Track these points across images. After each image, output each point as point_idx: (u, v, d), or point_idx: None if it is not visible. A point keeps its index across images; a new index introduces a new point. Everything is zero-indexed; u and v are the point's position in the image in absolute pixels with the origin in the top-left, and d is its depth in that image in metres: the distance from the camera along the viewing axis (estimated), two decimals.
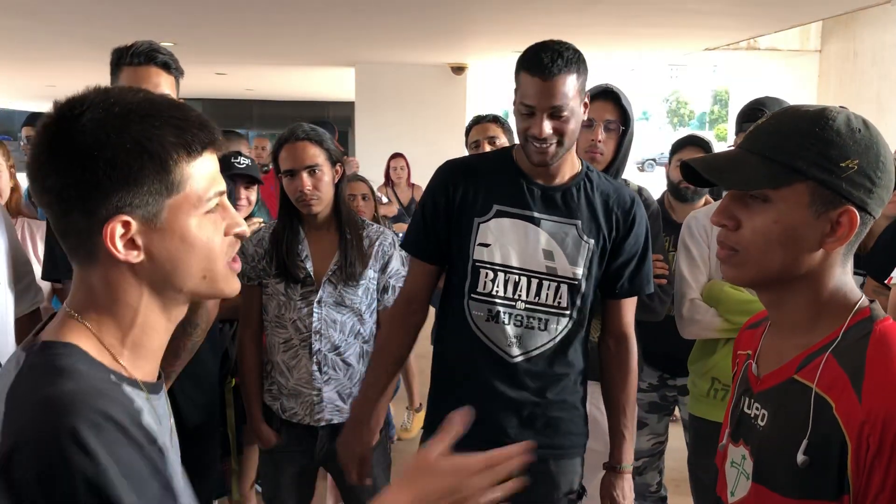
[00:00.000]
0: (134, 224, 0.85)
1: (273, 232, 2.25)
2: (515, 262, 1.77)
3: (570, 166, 1.81)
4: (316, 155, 2.17)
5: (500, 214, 1.78)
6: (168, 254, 0.88)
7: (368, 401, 1.95)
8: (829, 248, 1.02)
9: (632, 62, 10.66)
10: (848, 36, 8.23)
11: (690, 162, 1.07)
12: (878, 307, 1.04)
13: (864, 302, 1.04)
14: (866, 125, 1.02)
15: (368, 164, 6.84)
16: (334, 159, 2.22)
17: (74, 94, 0.87)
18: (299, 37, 7.34)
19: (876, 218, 1.03)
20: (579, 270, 1.77)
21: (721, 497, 1.18)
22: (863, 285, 2.38)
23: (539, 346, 1.79)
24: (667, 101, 68.81)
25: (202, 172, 0.89)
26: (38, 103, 15.68)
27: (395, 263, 2.28)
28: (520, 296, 1.77)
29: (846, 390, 0.96)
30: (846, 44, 8.30)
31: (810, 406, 0.99)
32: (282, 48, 8.15)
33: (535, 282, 1.77)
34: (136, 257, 0.87)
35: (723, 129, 37.39)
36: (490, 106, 10.62)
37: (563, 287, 1.77)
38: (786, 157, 1.00)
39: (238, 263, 0.96)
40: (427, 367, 2.00)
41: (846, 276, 1.06)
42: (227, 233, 0.93)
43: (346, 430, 1.97)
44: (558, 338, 1.80)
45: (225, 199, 0.94)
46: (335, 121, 5.58)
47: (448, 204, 1.82)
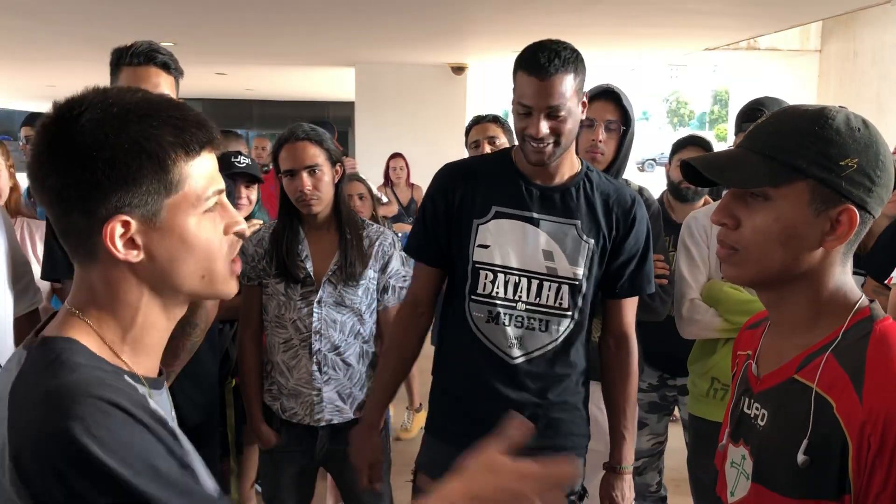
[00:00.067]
0: (133, 223, 0.86)
1: (273, 232, 2.25)
2: (515, 263, 1.77)
3: (569, 166, 1.80)
4: (316, 155, 2.17)
5: (499, 216, 1.78)
6: (167, 253, 0.89)
7: (378, 405, 1.96)
8: (829, 246, 1.02)
9: (632, 62, 10.66)
10: (848, 36, 8.23)
11: (691, 161, 1.07)
12: (877, 307, 1.05)
13: (863, 302, 1.04)
14: (866, 124, 1.02)
15: (368, 165, 6.83)
16: (334, 159, 2.22)
17: (73, 94, 0.87)
18: (299, 37, 7.34)
19: (876, 217, 1.03)
20: (580, 270, 1.77)
21: (721, 497, 1.18)
22: (864, 285, 2.38)
23: (540, 348, 1.79)
24: (667, 101, 68.80)
25: (201, 171, 0.90)
26: (38, 103, 15.68)
27: (395, 263, 2.28)
28: (520, 297, 1.77)
29: (847, 390, 0.96)
30: (846, 44, 8.29)
31: (811, 406, 0.99)
32: (282, 48, 8.14)
33: (535, 283, 1.77)
34: (135, 256, 0.87)
35: (723, 129, 37.39)
36: (490, 106, 10.62)
37: (564, 288, 1.77)
38: (786, 155, 1.00)
39: (239, 265, 0.96)
40: (427, 366, 2.00)
41: (846, 276, 1.06)
42: (227, 231, 0.94)
43: (357, 436, 1.97)
44: (560, 339, 1.79)
45: (224, 198, 0.94)
46: (335, 121, 5.58)
47: (447, 207, 1.82)
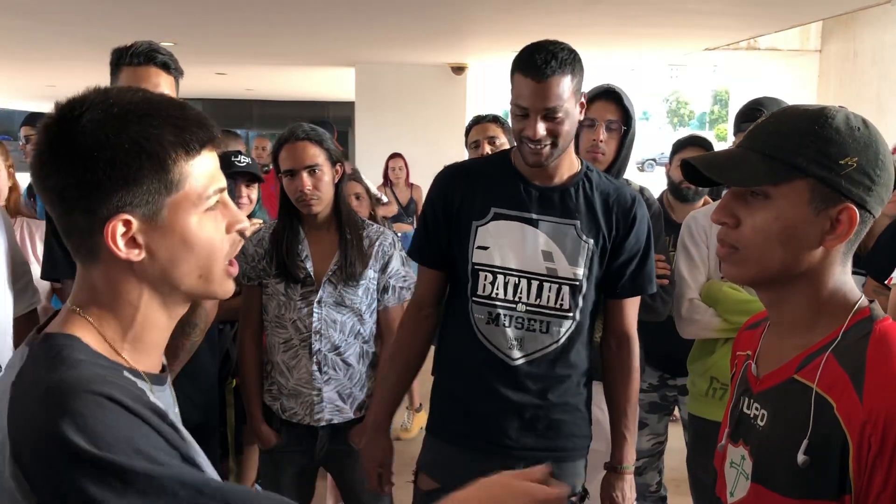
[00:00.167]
0: (135, 223, 0.86)
1: (273, 232, 2.25)
2: (515, 265, 1.76)
3: (568, 166, 1.80)
4: (316, 155, 2.17)
5: (497, 217, 1.78)
6: (169, 252, 0.89)
7: (386, 408, 1.96)
8: (829, 245, 1.02)
9: (632, 62, 10.66)
10: (848, 36, 8.23)
11: (691, 160, 1.07)
12: (877, 307, 1.05)
13: (863, 302, 1.04)
14: (865, 124, 1.02)
15: (368, 165, 6.83)
16: (334, 159, 2.22)
17: (75, 95, 0.88)
18: (299, 37, 7.34)
19: (876, 217, 1.03)
20: (580, 271, 1.77)
21: (720, 497, 1.18)
22: (865, 285, 2.38)
23: (541, 349, 1.78)
24: (667, 101, 68.76)
25: (201, 170, 0.90)
26: (38, 103, 15.68)
27: (396, 263, 2.28)
28: (520, 298, 1.77)
29: (847, 390, 0.96)
30: (846, 44, 8.29)
31: (811, 406, 0.99)
32: (282, 48, 8.14)
33: (535, 284, 1.76)
34: (137, 255, 0.87)
35: (723, 129, 37.38)
36: (490, 106, 10.61)
37: (565, 288, 1.76)
38: (786, 154, 1.00)
39: (235, 268, 0.96)
40: (427, 366, 2.00)
41: (846, 276, 1.06)
42: (229, 230, 0.94)
43: (367, 439, 1.97)
44: (561, 340, 1.78)
45: (226, 196, 0.94)
46: (335, 121, 5.58)
47: (447, 209, 1.83)
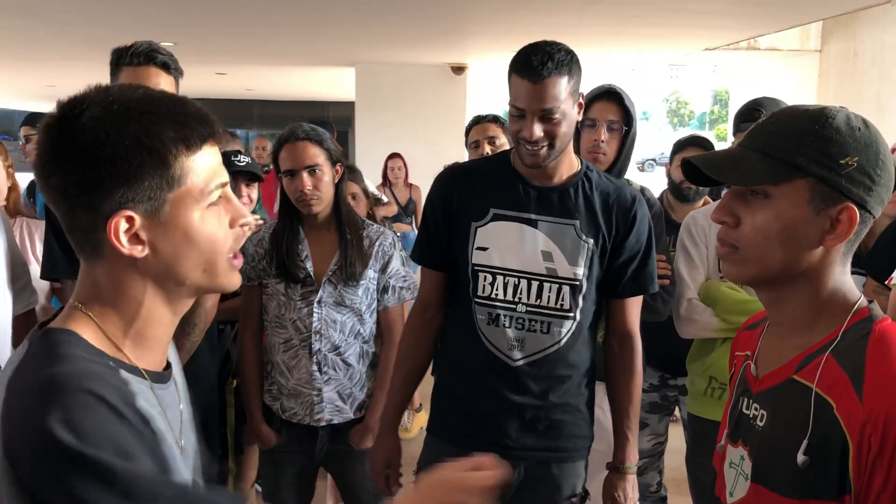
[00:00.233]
0: (137, 219, 0.86)
1: (273, 232, 2.25)
2: (514, 265, 1.76)
3: (567, 166, 1.80)
4: (316, 155, 2.17)
5: (497, 218, 1.78)
6: (172, 247, 0.89)
7: (394, 409, 1.97)
8: (829, 245, 1.02)
9: (632, 62, 10.66)
10: (848, 36, 8.23)
11: (692, 159, 1.07)
12: (876, 307, 1.05)
13: (862, 302, 1.04)
14: (866, 124, 1.02)
15: (368, 165, 6.82)
16: (334, 159, 2.22)
17: (76, 93, 0.88)
18: (299, 37, 7.34)
19: (876, 217, 1.03)
20: (580, 271, 1.76)
21: (720, 497, 1.18)
22: (865, 285, 2.38)
23: (541, 350, 1.78)
24: (667, 101, 68.76)
25: (203, 165, 0.90)
26: (38, 103, 15.68)
27: (396, 263, 2.28)
28: (520, 298, 1.76)
29: (847, 390, 0.96)
30: (846, 44, 8.29)
31: (810, 406, 0.99)
32: (282, 48, 8.14)
33: (535, 284, 1.76)
34: (140, 252, 0.88)
35: (723, 130, 37.41)
36: (490, 106, 10.60)
37: (565, 288, 1.76)
38: (786, 153, 1.00)
39: (240, 259, 0.96)
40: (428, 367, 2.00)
41: (845, 276, 1.06)
42: (232, 225, 0.94)
43: (375, 440, 2.00)
44: (562, 341, 1.78)
45: (228, 191, 0.94)
46: (335, 121, 5.58)
47: (447, 211, 1.83)
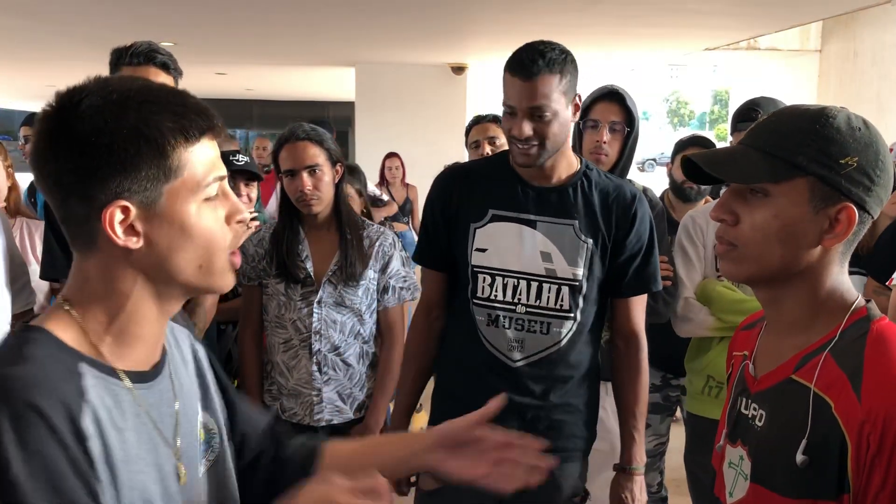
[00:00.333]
0: (133, 210, 0.85)
1: (273, 232, 2.25)
2: (513, 266, 1.76)
3: (566, 166, 1.79)
4: (316, 155, 2.17)
5: (495, 219, 1.78)
6: (167, 240, 0.87)
7: (404, 411, 1.96)
8: (828, 244, 1.02)
9: (632, 62, 10.66)
10: (848, 36, 8.23)
11: (692, 157, 1.07)
12: (874, 306, 1.05)
13: (860, 301, 1.04)
14: (866, 124, 1.02)
15: (368, 165, 6.83)
16: (335, 159, 2.22)
17: (75, 84, 0.87)
18: (299, 37, 7.34)
19: (874, 217, 1.03)
20: (579, 271, 1.76)
21: (719, 497, 1.18)
22: (866, 285, 2.38)
23: (541, 350, 1.78)
24: (667, 101, 68.70)
25: (201, 158, 0.88)
26: (38, 103, 15.62)
27: (396, 264, 2.28)
28: (519, 299, 1.76)
29: (845, 390, 0.96)
30: (846, 44, 8.29)
31: (809, 406, 0.99)
32: (282, 48, 8.14)
33: (534, 285, 1.76)
34: (135, 243, 0.86)
35: (723, 130, 37.40)
36: (490, 106, 10.56)
37: (565, 289, 1.76)
38: (786, 152, 1.00)
39: (238, 258, 0.95)
40: None
41: (843, 276, 1.06)
42: (229, 221, 0.92)
43: None
44: (563, 341, 1.78)
45: (226, 186, 0.93)
46: (335, 121, 5.59)
47: (446, 211, 1.83)
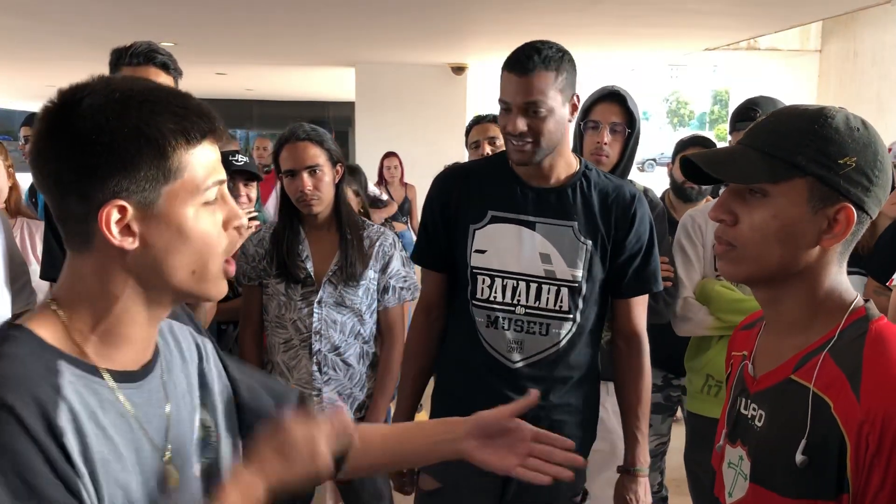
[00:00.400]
0: (130, 209, 0.84)
1: (273, 232, 2.26)
2: (512, 267, 1.76)
3: (565, 167, 1.79)
4: (317, 155, 2.18)
5: (494, 220, 1.77)
6: (163, 242, 0.87)
7: (406, 412, 1.97)
8: (826, 244, 1.02)
9: (632, 62, 10.65)
10: (848, 36, 8.23)
11: (691, 156, 1.08)
12: (872, 306, 1.05)
13: (858, 301, 1.05)
14: (865, 125, 1.02)
15: (368, 165, 6.83)
16: (335, 159, 2.23)
17: (78, 82, 0.86)
18: (299, 37, 7.34)
19: (873, 218, 1.04)
20: (578, 272, 1.76)
21: (719, 498, 1.18)
22: (867, 285, 2.39)
23: (541, 352, 1.78)
24: (667, 101, 68.69)
25: (201, 160, 0.88)
26: (38, 103, 15.46)
27: (396, 264, 2.28)
28: (519, 301, 1.76)
29: (844, 390, 0.96)
30: (846, 44, 8.30)
31: (808, 406, 0.99)
32: (282, 48, 8.14)
33: (534, 286, 1.76)
34: (130, 244, 0.85)
35: (723, 130, 37.40)
36: (490, 106, 10.57)
37: (564, 290, 1.76)
38: (785, 153, 1.01)
39: (232, 266, 0.94)
40: None
41: (842, 276, 1.06)
42: (227, 226, 0.92)
43: None
44: (562, 342, 1.78)
45: (225, 191, 0.92)
46: (335, 121, 5.59)
47: (446, 212, 1.83)
